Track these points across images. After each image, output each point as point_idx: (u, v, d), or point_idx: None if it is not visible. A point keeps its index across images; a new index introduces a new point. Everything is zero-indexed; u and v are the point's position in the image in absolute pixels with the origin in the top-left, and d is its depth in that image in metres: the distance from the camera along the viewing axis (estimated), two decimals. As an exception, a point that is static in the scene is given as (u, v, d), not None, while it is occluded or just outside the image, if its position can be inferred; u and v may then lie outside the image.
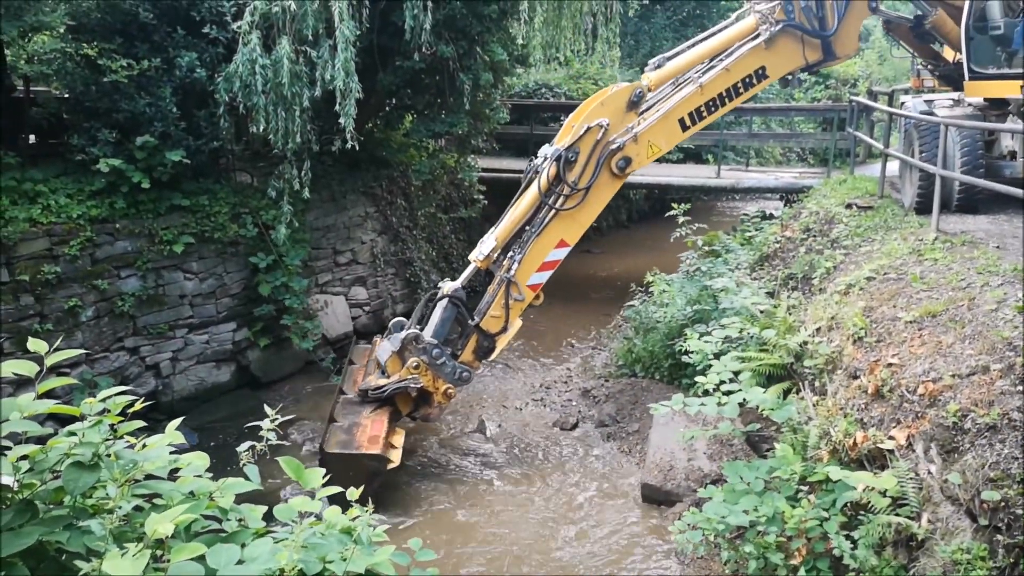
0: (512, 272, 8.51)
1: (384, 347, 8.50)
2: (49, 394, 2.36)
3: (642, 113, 9.01)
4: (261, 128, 9.44)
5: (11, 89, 9.37)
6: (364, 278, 12.50)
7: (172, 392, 9.50)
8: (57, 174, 8.82)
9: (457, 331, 8.84)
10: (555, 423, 9.54)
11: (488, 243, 8.68)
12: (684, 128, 9.21)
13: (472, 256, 8.81)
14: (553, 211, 8.64)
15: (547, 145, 8.94)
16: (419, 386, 8.16)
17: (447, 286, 8.63)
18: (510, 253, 8.72)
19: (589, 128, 8.63)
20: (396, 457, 7.87)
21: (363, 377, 8.61)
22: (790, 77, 10.02)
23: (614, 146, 8.75)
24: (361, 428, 7.85)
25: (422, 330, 8.46)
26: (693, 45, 9.70)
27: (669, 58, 9.54)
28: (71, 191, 8.67)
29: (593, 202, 8.92)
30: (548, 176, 8.58)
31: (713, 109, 9.28)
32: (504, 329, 8.61)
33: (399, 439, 8.17)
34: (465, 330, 8.66)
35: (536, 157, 8.96)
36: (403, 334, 8.24)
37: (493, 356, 8.82)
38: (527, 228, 8.73)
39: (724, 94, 9.26)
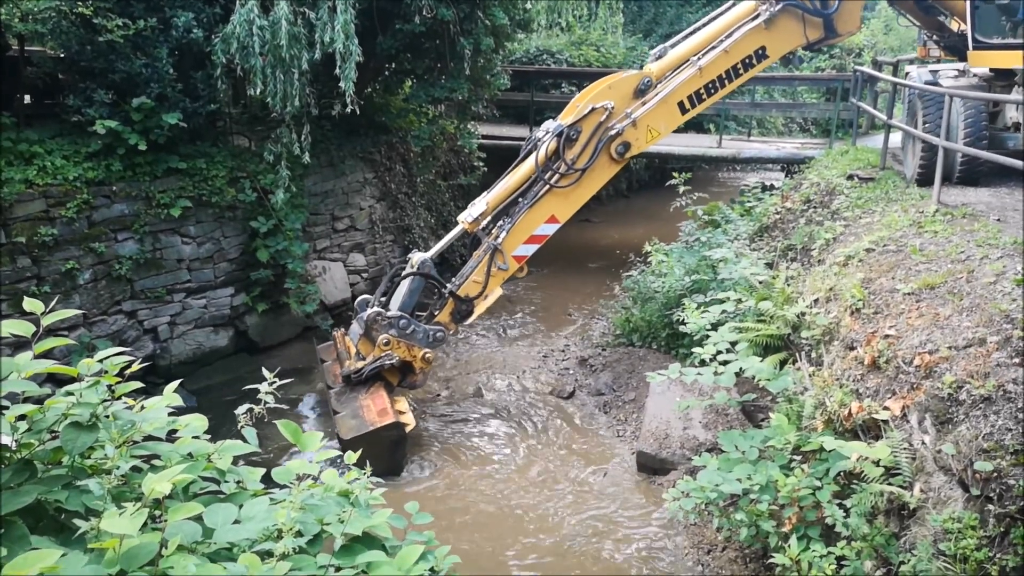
0: (499, 240, 8.56)
1: (354, 330, 8.56)
2: (47, 356, 2.35)
3: (646, 100, 8.95)
4: (259, 91, 9.33)
5: (6, 48, 9.23)
6: (362, 244, 12.47)
7: (170, 356, 9.52)
8: (53, 135, 8.73)
9: (431, 298, 8.91)
10: (552, 391, 9.59)
11: (478, 207, 8.69)
12: (683, 111, 9.19)
13: (461, 217, 8.82)
14: (547, 186, 8.63)
15: (550, 120, 8.92)
16: (394, 361, 8.21)
17: (416, 257, 8.64)
18: (500, 222, 8.74)
19: (594, 108, 8.65)
20: (409, 420, 8.01)
21: (340, 367, 8.64)
22: (791, 56, 9.92)
23: (613, 131, 8.72)
24: (365, 408, 7.94)
25: (387, 304, 8.50)
26: (693, 32, 9.58)
27: (671, 47, 9.43)
28: (67, 152, 8.59)
29: (588, 183, 8.94)
30: (547, 151, 8.59)
31: (713, 91, 9.23)
32: (482, 294, 8.66)
33: (404, 405, 8.28)
34: (440, 297, 8.70)
35: (538, 129, 8.92)
36: (366, 314, 8.28)
37: (470, 320, 8.88)
38: (520, 199, 8.74)
39: (724, 76, 9.20)
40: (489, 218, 8.73)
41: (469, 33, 11.27)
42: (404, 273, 8.59)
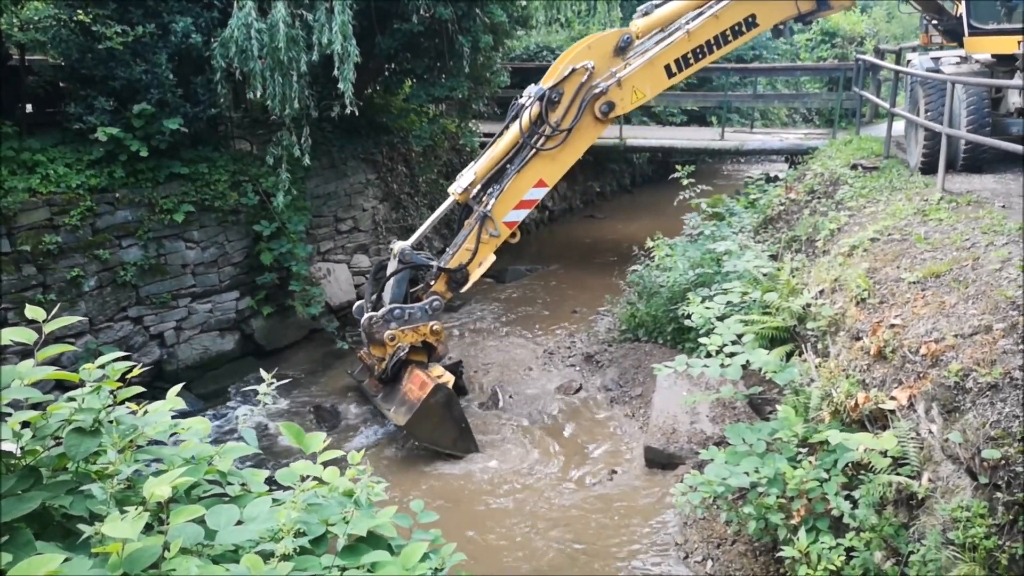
0: (489, 207, 8.62)
1: (365, 339, 8.77)
2: (54, 363, 2.36)
3: (629, 59, 8.94)
4: (259, 94, 9.35)
5: (6, 58, 9.27)
6: (366, 246, 12.48)
7: (177, 361, 9.55)
8: (55, 143, 8.76)
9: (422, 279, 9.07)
10: (559, 388, 9.57)
11: (467, 177, 8.81)
12: (670, 75, 9.13)
13: (451, 189, 8.97)
14: (534, 150, 8.68)
15: (532, 84, 8.93)
16: (407, 352, 8.42)
17: (396, 246, 8.78)
18: (489, 189, 8.81)
19: (574, 70, 8.68)
20: (448, 378, 8.33)
21: (372, 378, 8.91)
22: (782, 27, 9.85)
23: (597, 90, 8.73)
24: (408, 392, 8.25)
25: (379, 300, 8.72)
26: None
27: (658, 5, 9.39)
28: (70, 160, 8.63)
29: (574, 144, 8.97)
30: (531, 115, 8.66)
31: (700, 56, 9.17)
32: (473, 260, 8.79)
33: (439, 369, 8.59)
34: (430, 275, 8.83)
35: (520, 96, 8.95)
36: (362, 323, 8.48)
37: (465, 288, 8.99)
38: (508, 166, 8.82)
39: (712, 41, 9.15)
40: (479, 187, 8.84)
41: (468, 31, 11.26)
42: (389, 273, 8.76)
